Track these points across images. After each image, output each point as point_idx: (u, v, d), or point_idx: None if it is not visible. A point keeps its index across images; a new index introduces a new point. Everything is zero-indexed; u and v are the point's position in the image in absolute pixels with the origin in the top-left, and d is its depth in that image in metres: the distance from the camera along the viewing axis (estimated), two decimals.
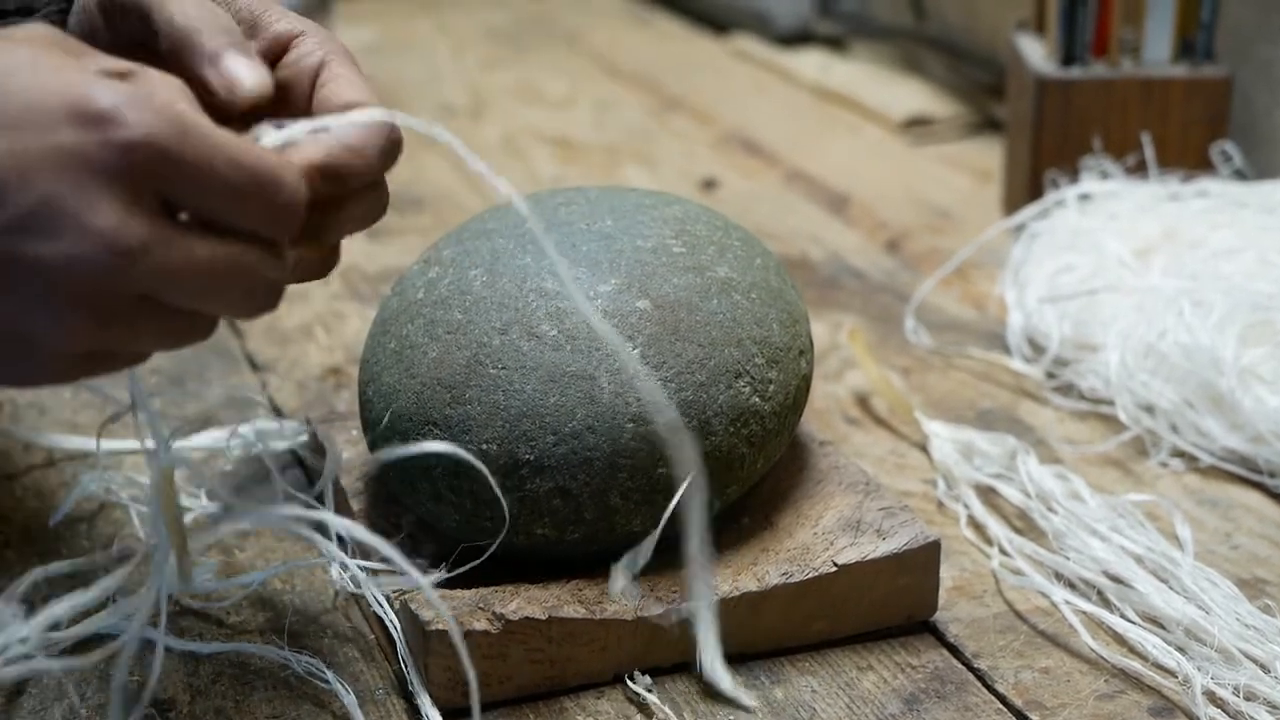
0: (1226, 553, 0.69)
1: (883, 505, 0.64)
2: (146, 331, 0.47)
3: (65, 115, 0.44)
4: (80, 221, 0.43)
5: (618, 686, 0.60)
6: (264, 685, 0.60)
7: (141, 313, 0.46)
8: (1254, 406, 0.75)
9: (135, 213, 0.44)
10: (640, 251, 0.63)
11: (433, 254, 0.67)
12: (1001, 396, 0.85)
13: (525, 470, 0.59)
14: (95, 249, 0.44)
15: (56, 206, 0.43)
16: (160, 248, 0.45)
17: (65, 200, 0.43)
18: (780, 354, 0.63)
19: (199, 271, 0.46)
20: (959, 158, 1.28)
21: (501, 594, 0.59)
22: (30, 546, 0.70)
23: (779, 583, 0.61)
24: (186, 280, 0.46)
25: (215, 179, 0.45)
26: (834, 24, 1.64)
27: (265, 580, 0.66)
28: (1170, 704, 0.59)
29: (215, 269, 0.46)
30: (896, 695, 0.59)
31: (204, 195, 0.46)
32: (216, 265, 0.46)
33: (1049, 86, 1.04)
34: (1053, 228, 0.94)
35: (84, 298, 0.44)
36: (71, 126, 0.44)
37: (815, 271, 1.03)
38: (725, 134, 1.36)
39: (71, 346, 0.46)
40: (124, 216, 0.44)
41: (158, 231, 0.45)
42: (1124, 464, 0.77)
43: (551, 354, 0.60)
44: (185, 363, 0.89)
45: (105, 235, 0.44)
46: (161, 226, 0.45)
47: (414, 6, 1.91)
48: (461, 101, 1.48)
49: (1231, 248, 0.87)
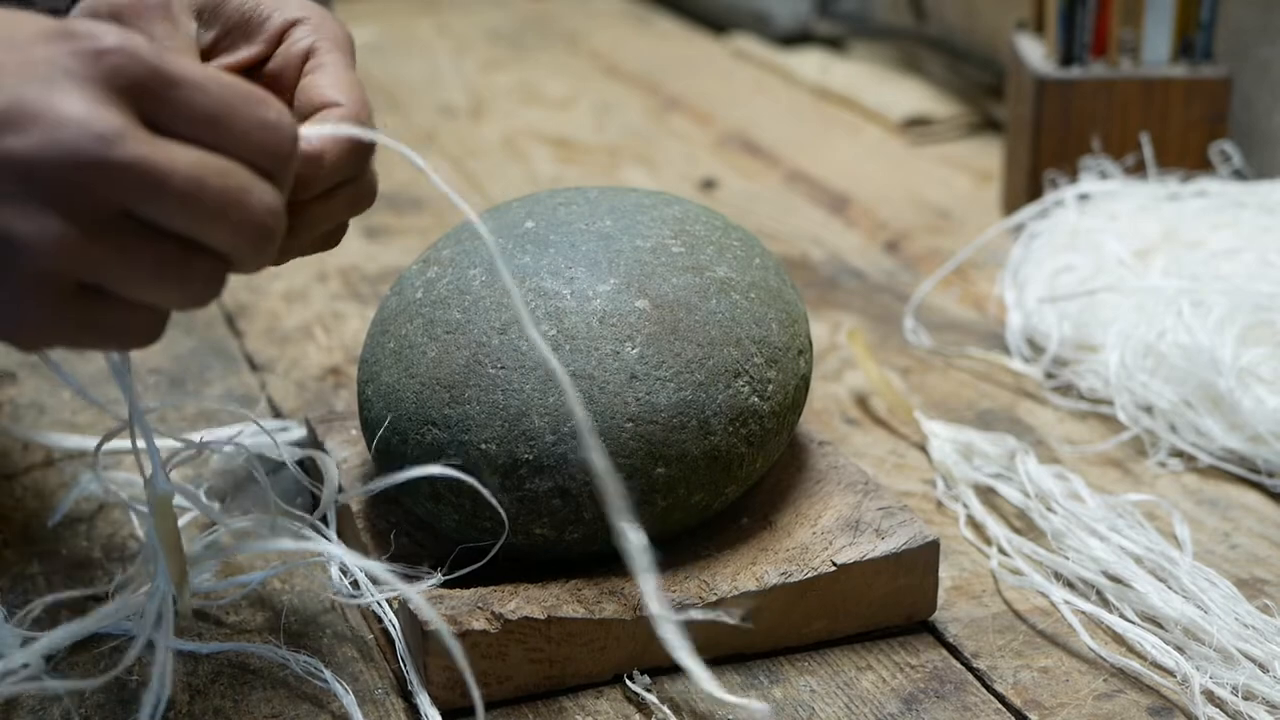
0: (1225, 552, 0.69)
1: (882, 505, 0.64)
2: (136, 260, 0.44)
3: (42, 35, 0.43)
4: (50, 113, 0.42)
5: (617, 686, 0.60)
6: (263, 685, 0.60)
7: (129, 234, 0.44)
8: (1253, 407, 0.75)
9: (107, 106, 0.43)
10: (639, 251, 0.63)
11: (432, 254, 0.67)
12: (1001, 397, 0.85)
13: (524, 470, 0.59)
14: (65, 134, 0.42)
15: (27, 102, 0.42)
16: (137, 142, 0.43)
17: (33, 95, 0.42)
18: (779, 354, 0.63)
19: (184, 178, 0.44)
20: (959, 158, 1.28)
21: (500, 594, 0.59)
22: (30, 546, 0.70)
23: (778, 582, 0.61)
24: (171, 186, 0.43)
25: (195, 91, 0.44)
26: (834, 24, 1.64)
27: (264, 580, 0.66)
28: (1169, 704, 0.59)
29: (203, 177, 0.44)
30: (895, 695, 0.59)
31: (187, 110, 0.44)
32: (206, 172, 0.44)
33: (1048, 87, 1.04)
34: (1052, 228, 0.94)
35: (63, 195, 0.43)
36: (46, 43, 0.43)
37: (815, 272, 1.03)
38: (725, 134, 1.36)
39: (56, 257, 0.43)
40: (94, 107, 0.43)
41: (134, 128, 0.43)
42: (1123, 464, 0.77)
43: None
44: (184, 363, 0.89)
45: (73, 121, 0.42)
46: (138, 126, 0.43)
47: (414, 6, 1.92)
48: (461, 102, 1.48)
49: (1231, 248, 0.87)
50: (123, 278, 0.44)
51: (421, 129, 1.39)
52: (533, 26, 1.81)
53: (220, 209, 0.44)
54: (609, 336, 0.60)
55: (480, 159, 1.30)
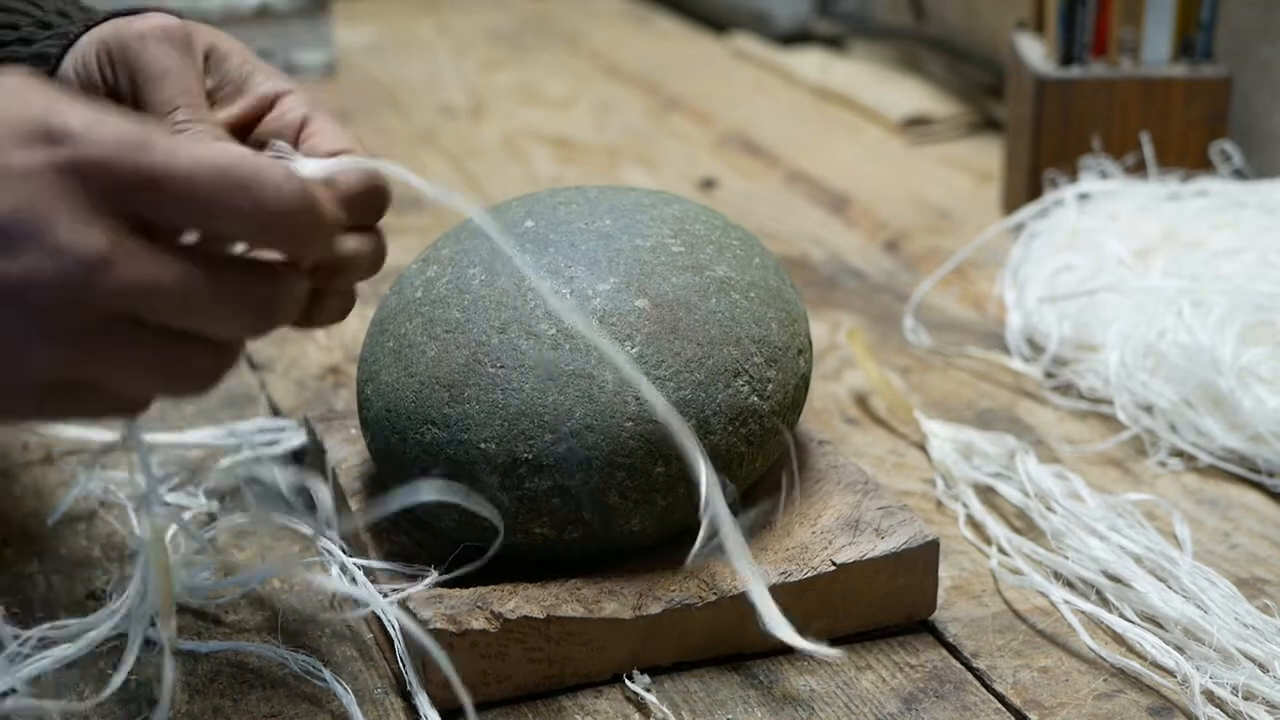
0: (1225, 552, 0.69)
1: (881, 505, 0.64)
2: (125, 360, 0.43)
3: (20, 136, 0.42)
4: (38, 238, 0.41)
5: (616, 686, 0.60)
6: (261, 684, 0.60)
7: (118, 337, 0.43)
8: (1253, 406, 0.75)
9: (94, 224, 0.42)
10: (639, 251, 0.63)
11: (431, 253, 0.67)
12: (1001, 396, 0.85)
13: (524, 469, 0.59)
14: (54, 262, 0.41)
15: (12, 224, 0.41)
16: (125, 262, 0.42)
17: (21, 218, 0.41)
18: (779, 353, 0.63)
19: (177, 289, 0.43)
20: (958, 158, 1.28)
21: (500, 593, 0.59)
22: (29, 545, 0.70)
23: (777, 582, 0.60)
24: (165, 298, 0.43)
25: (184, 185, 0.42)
26: (833, 24, 1.64)
27: (263, 580, 0.66)
28: (1169, 703, 0.59)
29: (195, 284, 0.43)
30: (895, 694, 0.59)
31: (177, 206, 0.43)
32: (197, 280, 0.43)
33: (1048, 86, 1.04)
34: (1052, 228, 0.94)
35: (50, 316, 0.42)
36: (24, 147, 0.42)
37: (815, 271, 1.03)
38: (725, 134, 1.36)
39: (43, 372, 0.43)
40: (81, 229, 0.42)
41: (121, 243, 0.42)
42: (1123, 463, 0.77)
43: (550, 352, 0.59)
44: None
45: (62, 248, 0.41)
46: (126, 238, 0.42)
47: (414, 6, 1.92)
48: (461, 102, 1.48)
49: (1231, 248, 0.87)
50: (116, 377, 0.44)
51: (421, 129, 1.39)
52: (533, 26, 1.81)
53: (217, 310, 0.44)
54: (609, 336, 0.60)
55: (480, 159, 1.30)
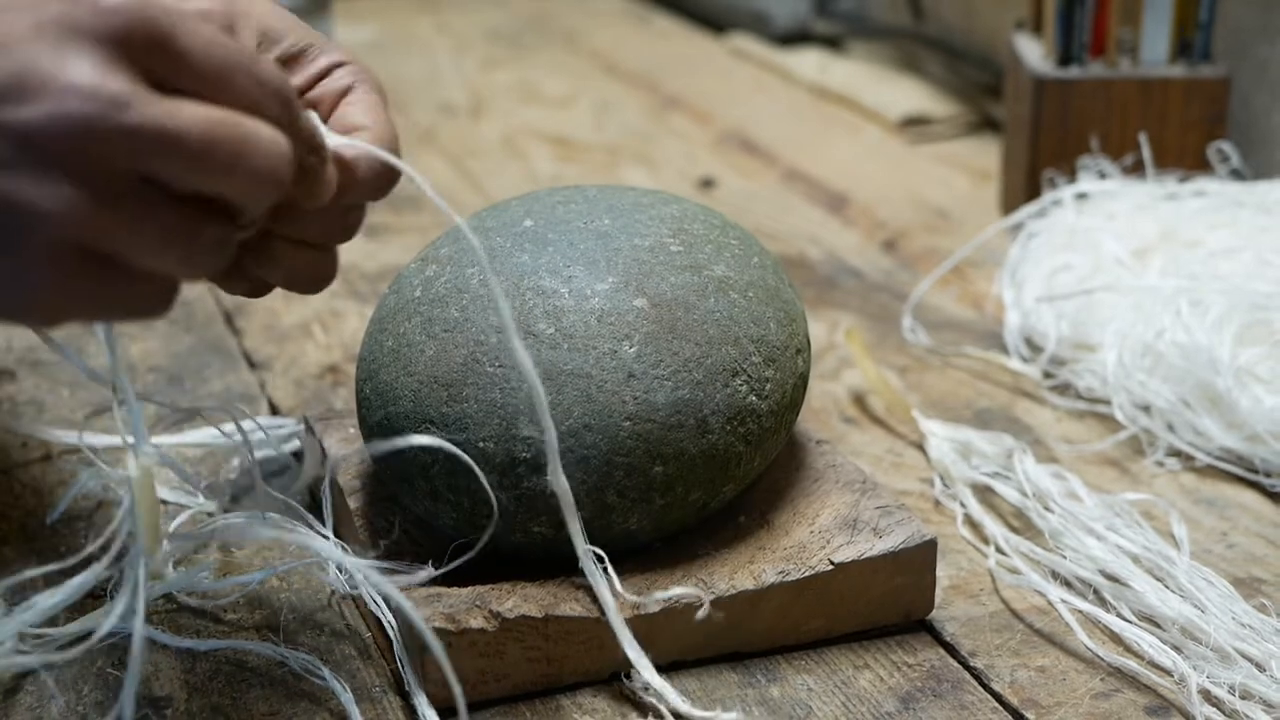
0: (1223, 552, 0.69)
1: (879, 504, 0.64)
2: (141, 221, 0.45)
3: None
4: (59, 81, 0.43)
5: (614, 685, 0.60)
6: (260, 683, 0.60)
7: (139, 199, 0.44)
8: (1251, 406, 0.75)
9: (115, 70, 0.44)
10: (638, 250, 0.63)
11: (430, 252, 0.67)
12: (999, 396, 0.85)
13: (522, 468, 0.59)
14: (75, 103, 0.43)
15: (34, 69, 0.43)
16: (145, 104, 0.44)
17: (42, 62, 0.43)
18: (777, 353, 0.63)
19: (195, 135, 0.44)
20: (957, 157, 1.28)
21: (498, 592, 0.59)
22: (28, 544, 0.70)
23: (775, 581, 0.61)
24: (183, 145, 0.44)
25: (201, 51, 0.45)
26: (832, 23, 1.64)
27: (262, 579, 0.66)
28: (1166, 703, 0.59)
29: (214, 132, 0.45)
30: (893, 694, 0.59)
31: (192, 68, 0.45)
32: (215, 127, 0.45)
33: (1047, 86, 1.04)
34: (1050, 227, 0.94)
35: (74, 162, 0.43)
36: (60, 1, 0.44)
37: (813, 271, 1.03)
38: (724, 133, 1.36)
39: (67, 225, 0.44)
40: (102, 72, 0.43)
41: (141, 91, 0.44)
42: (1121, 463, 0.77)
43: (548, 352, 0.60)
44: (183, 361, 0.89)
45: (83, 89, 0.43)
46: (146, 89, 0.44)
47: (414, 5, 1.92)
48: (461, 100, 1.48)
49: (1229, 247, 0.87)
50: (132, 244, 0.45)
51: (421, 127, 1.39)
52: (532, 25, 1.81)
53: (232, 161, 0.45)
54: (607, 335, 0.60)
55: (479, 158, 1.30)
